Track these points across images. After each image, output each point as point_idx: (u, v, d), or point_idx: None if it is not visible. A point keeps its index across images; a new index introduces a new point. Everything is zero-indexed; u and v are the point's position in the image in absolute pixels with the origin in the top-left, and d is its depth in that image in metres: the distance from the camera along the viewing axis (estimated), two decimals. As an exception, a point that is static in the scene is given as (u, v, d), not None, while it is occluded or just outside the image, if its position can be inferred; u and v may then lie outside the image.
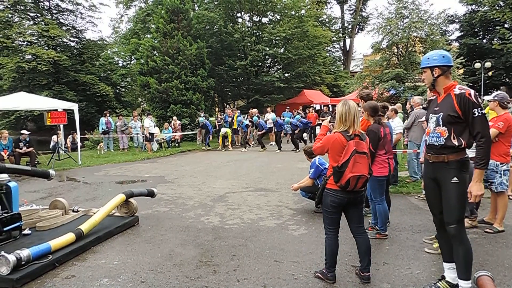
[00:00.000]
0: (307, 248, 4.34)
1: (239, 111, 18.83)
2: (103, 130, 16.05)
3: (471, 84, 22.63)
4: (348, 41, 37.67)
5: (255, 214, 5.81)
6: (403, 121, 8.59)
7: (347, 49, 37.59)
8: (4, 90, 20.65)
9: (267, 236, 4.79)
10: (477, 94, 2.95)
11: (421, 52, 17.72)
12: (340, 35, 36.17)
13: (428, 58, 3.13)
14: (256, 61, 22.78)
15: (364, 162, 3.22)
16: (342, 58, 38.05)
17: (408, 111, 9.48)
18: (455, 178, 2.96)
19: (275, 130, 15.67)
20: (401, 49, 18.29)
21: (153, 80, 18.79)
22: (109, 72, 25.69)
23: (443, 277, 3.31)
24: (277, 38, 21.97)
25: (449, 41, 25.58)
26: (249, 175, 9.43)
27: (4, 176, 4.72)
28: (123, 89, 28.18)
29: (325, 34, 25.21)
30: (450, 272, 3.20)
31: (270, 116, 17.56)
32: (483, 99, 14.74)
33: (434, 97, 3.24)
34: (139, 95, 26.68)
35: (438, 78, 3.08)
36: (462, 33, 29.31)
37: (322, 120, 4.47)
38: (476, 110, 2.85)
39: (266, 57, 23.49)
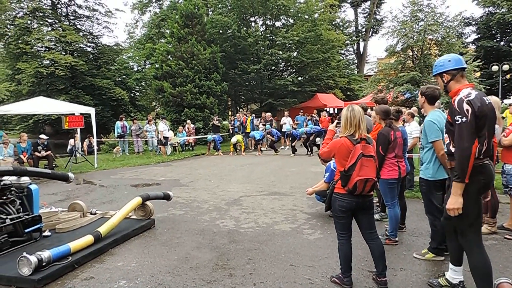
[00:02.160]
0: (323, 252, 4.32)
1: (253, 115, 18.87)
2: (118, 134, 16.31)
3: (488, 87, 22.22)
4: (362, 44, 37.48)
5: (270, 218, 5.81)
6: (420, 124, 8.48)
7: (361, 53, 37.37)
8: (23, 95, 21.13)
9: (282, 240, 4.79)
10: (468, 100, 2.71)
11: (436, 55, 17.47)
12: (354, 38, 35.98)
13: (436, 65, 3.11)
14: (270, 65, 22.84)
15: (371, 166, 3.21)
16: (356, 61, 37.83)
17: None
18: None
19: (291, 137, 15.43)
20: (416, 52, 18.07)
21: (167, 84, 19.01)
22: (124, 76, 26.06)
23: (444, 275, 3.36)
24: (291, 42, 21.99)
25: (466, 44, 25.17)
26: (263, 178, 9.44)
27: (26, 179, 4.85)
28: (138, 93, 28.54)
29: (339, 38, 25.13)
30: (453, 273, 3.24)
31: (286, 120, 17.58)
32: (503, 102, 14.46)
33: None
34: (154, 99, 27.03)
35: (449, 83, 3.00)
36: (479, 35, 28.83)
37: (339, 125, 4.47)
38: (457, 117, 2.70)
39: (280, 61, 23.52)
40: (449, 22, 17.61)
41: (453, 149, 2.88)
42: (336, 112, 24.74)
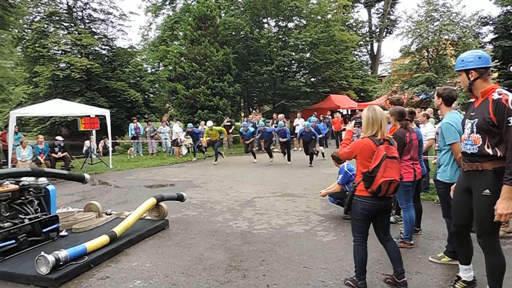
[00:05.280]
0: (336, 254, 4.29)
1: (264, 117, 18.86)
2: (132, 136, 16.52)
3: (506, 88, 21.72)
4: (375, 45, 37.12)
5: (283, 220, 5.80)
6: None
7: (375, 53, 37.01)
8: (40, 97, 21.54)
9: (295, 242, 4.78)
10: None
11: (452, 56, 17.20)
12: (368, 39, 35.65)
13: (463, 60, 2.95)
14: (282, 66, 22.80)
15: (395, 167, 3.17)
16: (370, 62, 37.49)
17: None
18: (487, 190, 2.78)
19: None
20: (431, 53, 17.82)
21: (180, 86, 19.16)
22: (138, 78, 26.33)
23: (459, 278, 3.30)
24: (303, 43, 21.90)
25: (483, 44, 24.66)
26: (275, 180, 9.43)
27: (43, 180, 4.95)
28: (152, 95, 28.81)
29: (352, 38, 24.93)
30: (465, 272, 3.22)
31: (299, 121, 17.54)
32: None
33: (473, 100, 3.04)
34: (167, 101, 27.22)
35: (475, 81, 2.88)
36: (497, 35, 28.11)
37: (357, 125, 4.43)
38: (511, 118, 2.60)
39: (292, 62, 23.45)
40: (465, 21, 17.32)
41: (489, 151, 2.75)
42: (349, 113, 24.57)
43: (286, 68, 23.95)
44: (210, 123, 13.64)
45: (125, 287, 3.61)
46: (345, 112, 24.17)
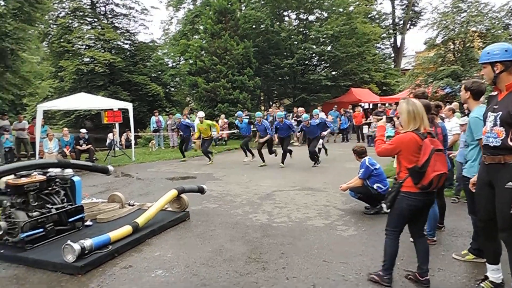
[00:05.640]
0: (357, 249, 4.26)
1: (285, 111, 18.72)
2: (154, 129, 16.77)
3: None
4: (399, 37, 36.19)
5: (303, 213, 5.79)
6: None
7: (398, 46, 36.13)
8: (65, 91, 22.09)
9: (315, 235, 4.76)
10: None
11: (480, 48, 16.57)
12: (391, 31, 34.83)
13: (488, 53, 2.89)
14: (303, 60, 22.61)
15: (442, 160, 3.09)
16: (393, 55, 36.65)
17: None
18: (510, 183, 2.73)
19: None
20: (457, 45, 17.25)
21: (201, 80, 19.29)
22: (159, 72, 26.64)
23: (486, 277, 3.21)
24: (325, 36, 21.64)
25: (513, 35, 23.76)
26: (295, 174, 9.41)
27: (69, 171, 5.10)
28: (173, 89, 29.12)
29: (375, 31, 24.43)
30: (494, 273, 3.11)
31: (320, 115, 17.36)
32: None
33: (495, 93, 2.99)
34: (188, 94, 27.44)
35: (501, 74, 2.82)
36: (527, 26, 27.08)
37: (377, 120, 4.33)
38: None
39: (313, 55, 23.22)
40: (494, 12, 16.66)
41: None
42: (371, 107, 24.16)
43: (306, 62, 23.73)
44: (201, 113, 11.84)
45: (148, 276, 3.70)
46: (366, 106, 23.76)
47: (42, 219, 4.41)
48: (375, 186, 5.62)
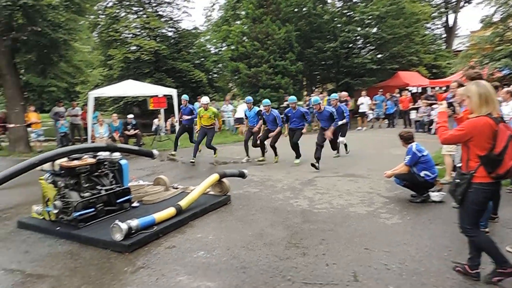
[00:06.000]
0: (401, 238, 4.12)
1: (329, 97, 18.29)
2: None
3: None
4: (451, 16, 33.93)
5: (345, 200, 5.68)
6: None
7: (450, 26, 33.92)
8: (114, 79, 23.03)
9: (357, 222, 4.66)
10: None
11: (544, 25, 15.19)
12: (442, 10, 32.74)
13: None
14: (347, 43, 21.86)
15: None
16: (444, 35, 34.49)
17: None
18: None
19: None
20: (518, 22, 15.90)
21: (243, 65, 19.31)
22: (202, 59, 26.98)
23: None
24: (370, 17, 20.74)
25: None
26: (338, 160, 9.24)
27: (117, 155, 5.34)
28: (215, 75, 29.44)
29: (424, 10, 23.03)
30: None
31: (364, 100, 16.89)
32: None
33: None
34: (230, 80, 27.65)
35: None
36: None
37: (427, 104, 4.09)
38: None
39: (357, 38, 22.37)
40: (561, -16, 15.10)
41: None
42: (419, 91, 23.02)
43: (350, 45, 22.92)
44: (205, 99, 10.20)
45: (190, 257, 3.81)
46: (414, 90, 22.66)
47: (92, 199, 4.68)
48: (422, 174, 5.38)
